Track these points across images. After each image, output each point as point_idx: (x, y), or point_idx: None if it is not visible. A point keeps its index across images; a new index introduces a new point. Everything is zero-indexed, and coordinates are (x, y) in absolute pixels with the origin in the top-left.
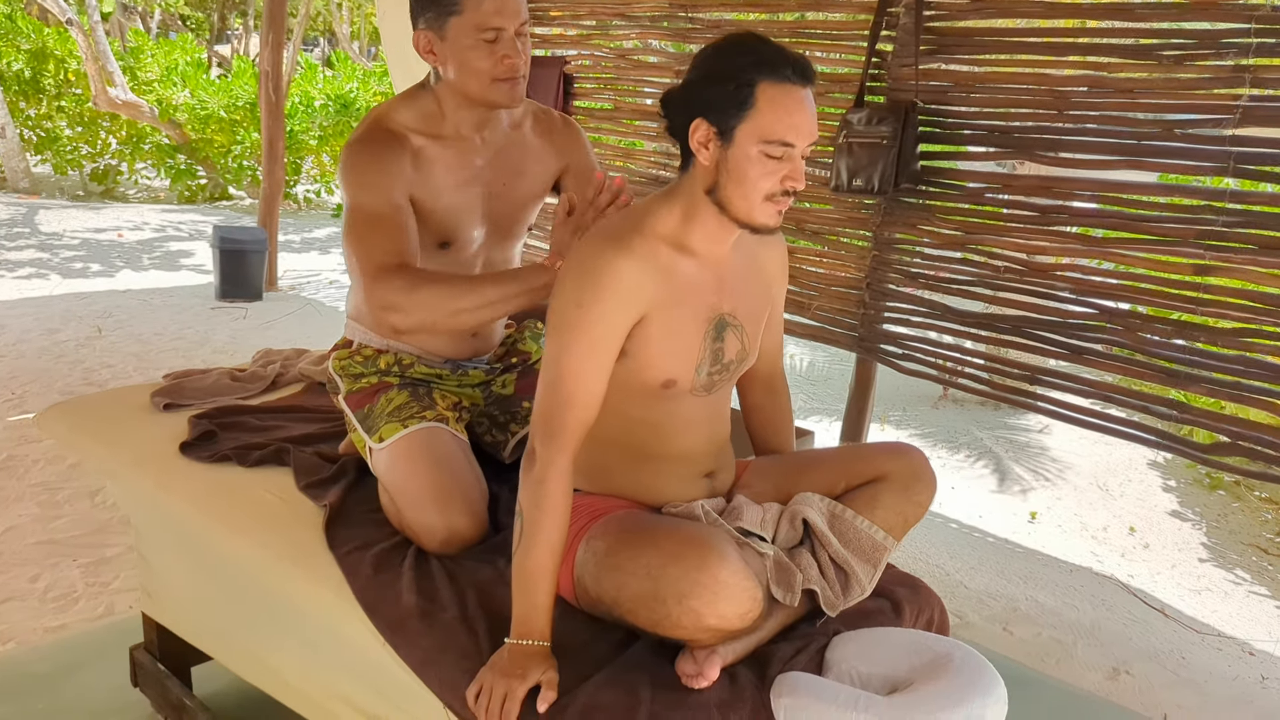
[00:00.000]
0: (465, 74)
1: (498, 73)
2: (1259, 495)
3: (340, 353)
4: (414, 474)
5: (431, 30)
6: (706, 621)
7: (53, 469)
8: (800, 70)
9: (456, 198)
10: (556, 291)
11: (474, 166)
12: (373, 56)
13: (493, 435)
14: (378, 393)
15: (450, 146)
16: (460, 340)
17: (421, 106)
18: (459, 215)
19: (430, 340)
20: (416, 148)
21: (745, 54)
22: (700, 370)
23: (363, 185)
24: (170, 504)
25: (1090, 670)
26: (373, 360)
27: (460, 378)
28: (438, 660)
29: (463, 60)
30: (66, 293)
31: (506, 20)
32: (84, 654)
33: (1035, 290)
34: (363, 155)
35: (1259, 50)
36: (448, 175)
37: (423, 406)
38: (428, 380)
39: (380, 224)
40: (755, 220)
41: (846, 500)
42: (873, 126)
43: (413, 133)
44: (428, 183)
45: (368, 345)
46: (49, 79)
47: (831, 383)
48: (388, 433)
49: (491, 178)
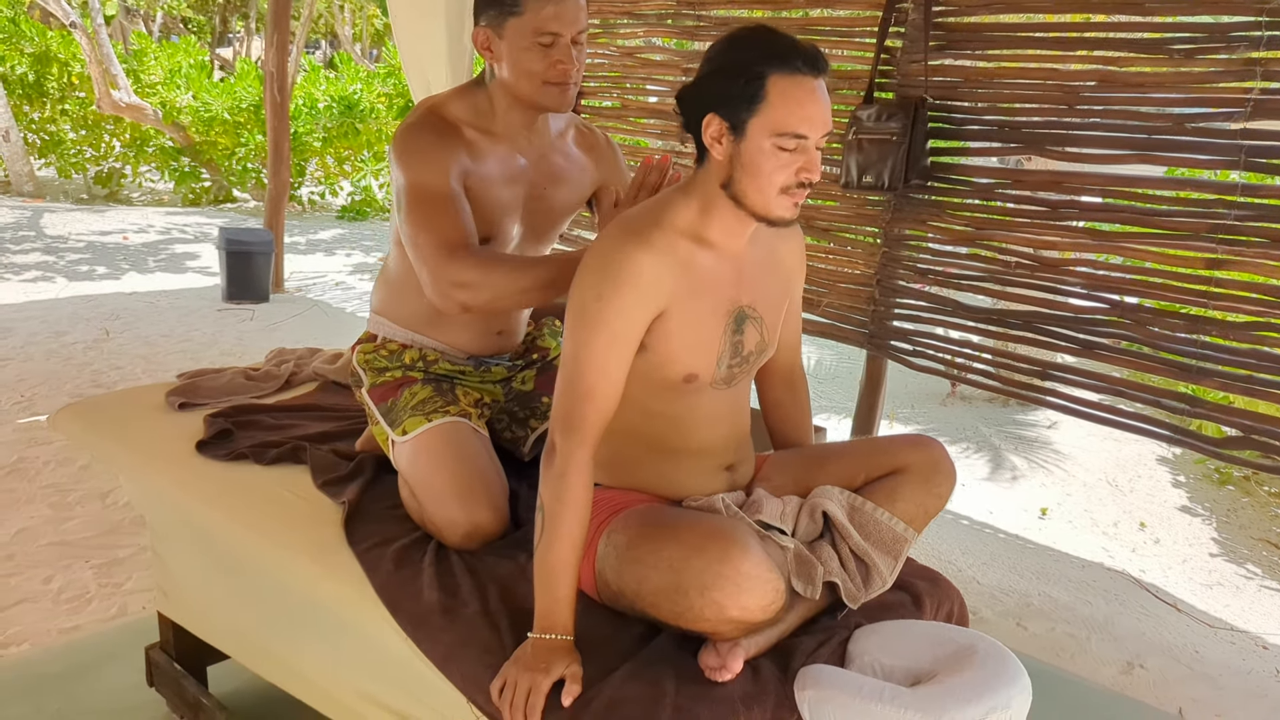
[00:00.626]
0: (518, 74)
1: (550, 76)
2: (1269, 490)
3: (365, 346)
4: (437, 468)
5: (491, 28)
6: (729, 613)
7: (63, 471)
8: (811, 61)
9: (502, 194)
10: (576, 285)
11: (519, 165)
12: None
13: (512, 431)
14: (401, 387)
15: (500, 143)
16: (486, 336)
17: (474, 102)
18: (503, 211)
19: (457, 335)
20: (469, 140)
21: (755, 47)
22: (721, 363)
23: (424, 165)
24: (187, 503)
25: (1105, 665)
26: (397, 355)
27: (483, 374)
28: (460, 655)
29: (517, 60)
30: (73, 295)
31: (564, 26)
32: (98, 654)
33: (1045, 285)
34: (421, 138)
35: (1269, 43)
36: (496, 170)
37: (446, 401)
38: (451, 376)
39: (444, 203)
40: (771, 213)
41: (866, 493)
42: (882, 123)
43: (465, 125)
44: (478, 174)
45: (393, 340)
46: (52, 82)
47: (841, 380)
48: (411, 426)
49: (534, 179)
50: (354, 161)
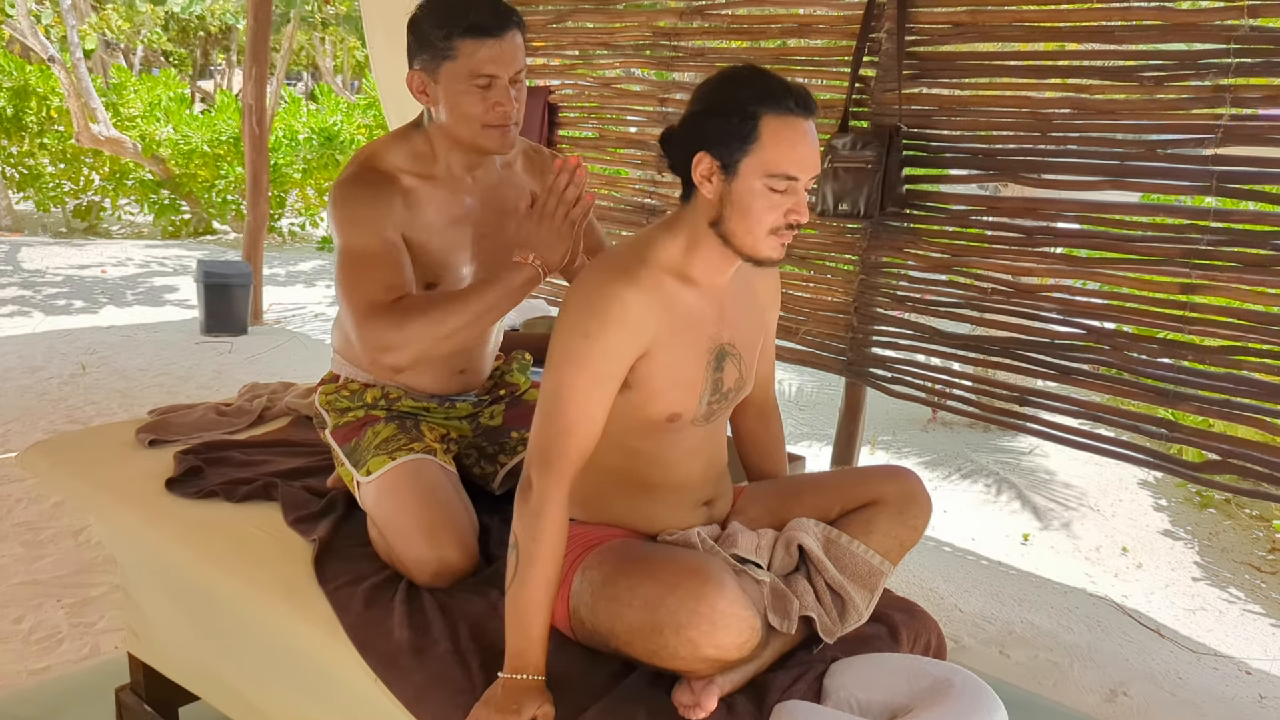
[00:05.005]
0: (456, 118)
1: (489, 119)
2: (1250, 513)
3: (326, 387)
4: (402, 506)
5: (425, 71)
6: (704, 652)
7: (36, 508)
8: (802, 102)
9: (447, 237)
10: (561, 321)
11: (464, 206)
12: (356, 90)
13: (481, 467)
14: (364, 426)
15: (441, 186)
16: (448, 376)
17: (412, 146)
18: (448, 255)
19: (418, 377)
20: (407, 188)
21: (747, 86)
22: (702, 401)
23: (354, 223)
24: (156, 541)
25: (1088, 692)
26: (359, 394)
27: (447, 410)
28: (431, 696)
29: (454, 104)
30: (49, 330)
31: (501, 68)
32: (68, 697)
33: (1022, 311)
34: (352, 193)
35: (1238, 70)
36: (438, 215)
37: (410, 439)
38: (414, 413)
39: (371, 262)
40: (760, 253)
41: (841, 525)
42: (857, 151)
43: (403, 173)
44: (418, 223)
45: (354, 380)
46: (31, 116)
47: (821, 407)
48: (375, 465)
49: (481, 217)
50: None
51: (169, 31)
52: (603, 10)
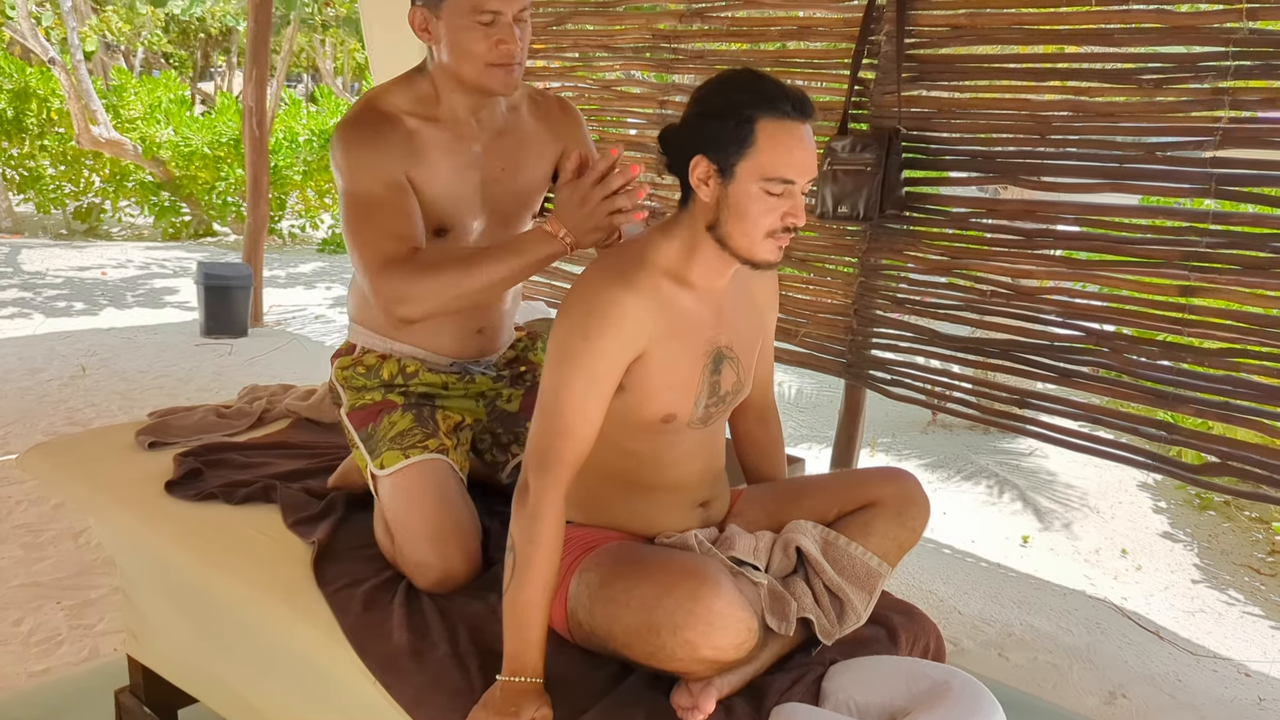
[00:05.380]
0: (459, 57)
1: (492, 57)
2: (1249, 515)
3: (342, 360)
4: (413, 510)
5: (427, 7)
6: (701, 653)
7: (36, 510)
8: (800, 106)
9: (454, 183)
10: (559, 323)
11: (471, 152)
12: (356, 92)
13: (493, 454)
14: (380, 413)
15: (445, 129)
16: (467, 336)
17: (416, 89)
18: (456, 202)
19: (435, 337)
20: (411, 129)
21: (745, 90)
22: (699, 404)
23: (358, 167)
24: (156, 544)
25: (1087, 695)
26: (375, 370)
27: (466, 386)
28: (429, 699)
29: (457, 42)
30: (50, 332)
31: (504, 5)
32: (68, 699)
33: (1022, 314)
34: (355, 136)
35: (1236, 73)
36: (444, 159)
37: (426, 434)
38: (431, 395)
39: (379, 209)
40: (756, 256)
41: (839, 527)
42: (857, 153)
43: (407, 115)
44: (423, 168)
45: (370, 351)
46: (31, 118)
47: (821, 409)
48: (389, 461)
49: (489, 163)
50: (334, 195)
51: (169, 33)
52: (602, 13)
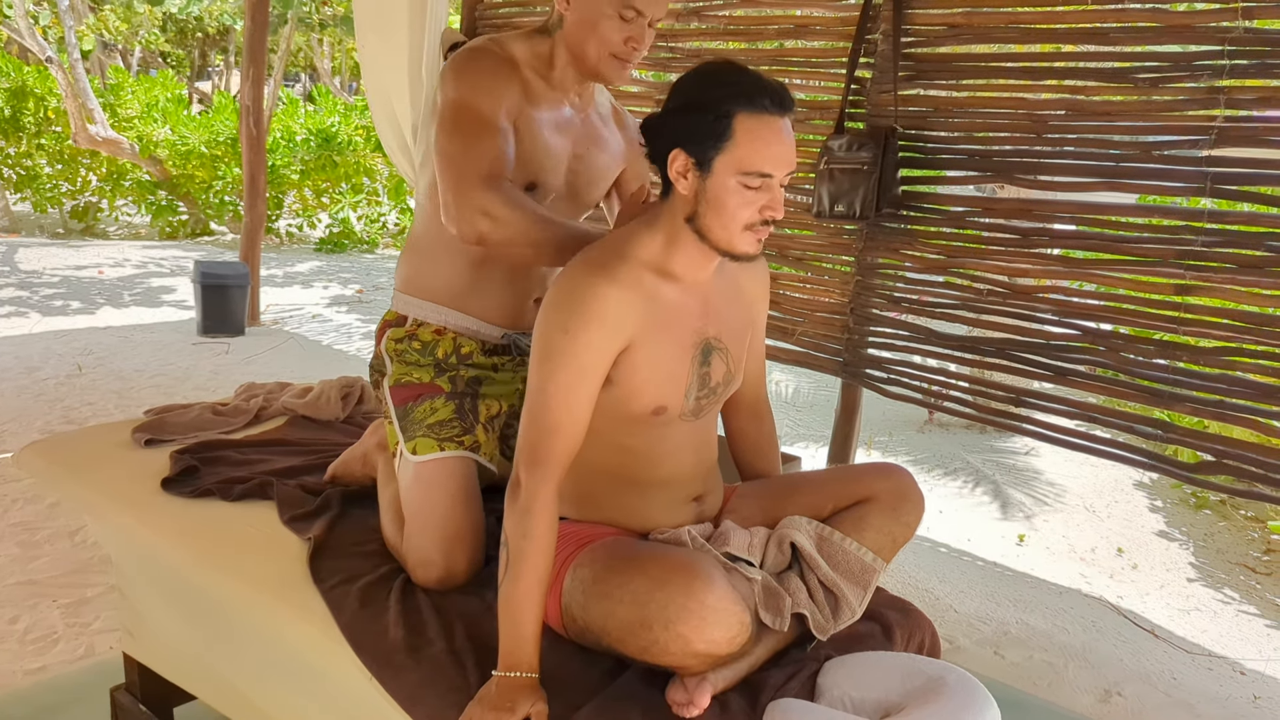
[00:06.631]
0: (589, 36)
1: (619, 50)
2: (1245, 514)
3: (394, 331)
4: (432, 505)
5: None
6: (695, 647)
7: (32, 509)
8: (778, 100)
9: (550, 141)
10: (541, 319)
11: (569, 120)
12: (354, 91)
13: None
14: (422, 395)
15: (554, 91)
16: (523, 305)
17: (535, 47)
18: (549, 159)
19: (492, 302)
20: (526, 79)
21: (722, 85)
22: (689, 395)
23: (474, 87)
24: (152, 541)
25: (1082, 693)
26: (430, 348)
27: (515, 368)
28: (425, 695)
29: (593, 24)
30: (46, 330)
31: (650, 7)
32: (64, 697)
33: (1018, 313)
34: (477, 63)
35: (1232, 72)
36: (549, 115)
37: (464, 428)
38: (480, 379)
39: (486, 130)
40: (735, 249)
41: (834, 522)
42: (853, 152)
43: (525, 65)
44: (530, 116)
45: (425, 324)
46: (29, 117)
47: (817, 408)
48: (423, 448)
49: (579, 137)
50: (332, 194)
51: (166, 33)
52: None
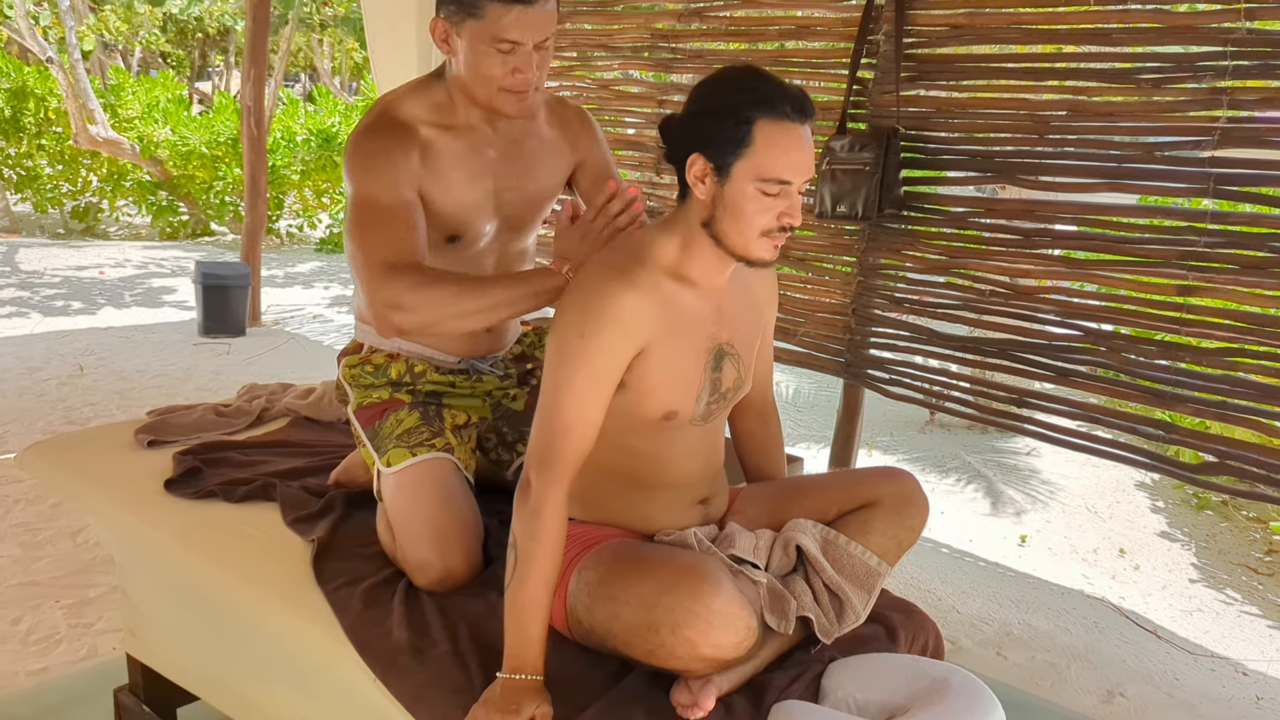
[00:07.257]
0: (474, 77)
1: (507, 83)
2: (1247, 515)
3: (350, 359)
4: (417, 509)
5: (449, 23)
6: (701, 651)
7: (34, 509)
8: (799, 107)
9: (467, 191)
10: (558, 321)
11: (486, 159)
12: (354, 91)
13: (498, 453)
14: (386, 411)
15: (461, 138)
16: (475, 338)
17: (432, 96)
18: (469, 210)
19: (444, 339)
20: (426, 140)
21: (744, 90)
22: (700, 401)
23: (369, 176)
24: (155, 541)
25: (1085, 694)
26: (383, 370)
27: (473, 385)
28: (429, 696)
29: (474, 64)
30: (47, 331)
31: (526, 34)
32: (66, 697)
33: (1020, 313)
34: (369, 145)
35: (1235, 73)
36: (458, 168)
37: (432, 432)
38: (439, 393)
39: (386, 218)
40: (752, 255)
41: (839, 526)
42: (855, 153)
43: (422, 124)
44: (437, 177)
45: (378, 350)
46: (29, 117)
47: (819, 409)
48: (395, 458)
49: (503, 170)
50: (332, 194)
51: (167, 33)
52: (601, 12)
